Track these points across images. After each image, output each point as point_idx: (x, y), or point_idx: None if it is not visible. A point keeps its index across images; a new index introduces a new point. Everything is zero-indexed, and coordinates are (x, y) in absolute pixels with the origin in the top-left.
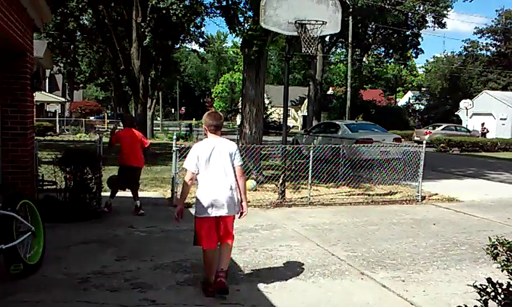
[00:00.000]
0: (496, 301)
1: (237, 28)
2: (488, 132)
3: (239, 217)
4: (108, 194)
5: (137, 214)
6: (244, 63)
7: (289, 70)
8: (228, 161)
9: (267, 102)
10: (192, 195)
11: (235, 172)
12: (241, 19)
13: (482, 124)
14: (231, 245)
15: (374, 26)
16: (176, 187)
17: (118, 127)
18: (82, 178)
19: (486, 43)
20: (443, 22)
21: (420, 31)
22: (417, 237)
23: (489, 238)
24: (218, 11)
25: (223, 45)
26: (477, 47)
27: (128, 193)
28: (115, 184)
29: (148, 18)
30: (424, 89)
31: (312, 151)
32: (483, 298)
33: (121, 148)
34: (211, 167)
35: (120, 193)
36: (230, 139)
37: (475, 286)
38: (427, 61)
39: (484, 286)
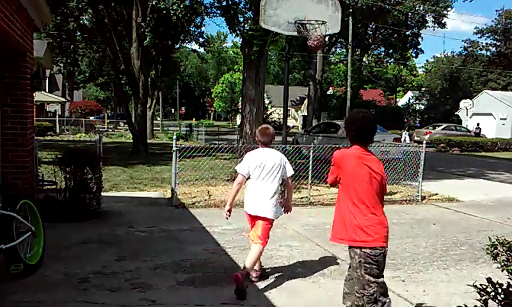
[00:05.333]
0: (496, 301)
1: (237, 28)
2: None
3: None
4: (109, 194)
5: None
6: (244, 63)
7: (289, 70)
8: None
9: (267, 102)
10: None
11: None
12: (241, 19)
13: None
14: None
15: (374, 26)
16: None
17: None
18: (82, 178)
19: (486, 43)
20: (443, 22)
21: (420, 31)
22: (417, 237)
23: (489, 238)
24: (218, 11)
25: (223, 45)
26: (477, 47)
27: (128, 193)
28: None
29: (148, 18)
30: (424, 89)
31: (311, 151)
32: (483, 298)
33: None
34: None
35: (120, 193)
36: (230, 139)
37: (475, 286)
38: (427, 61)
39: (484, 286)
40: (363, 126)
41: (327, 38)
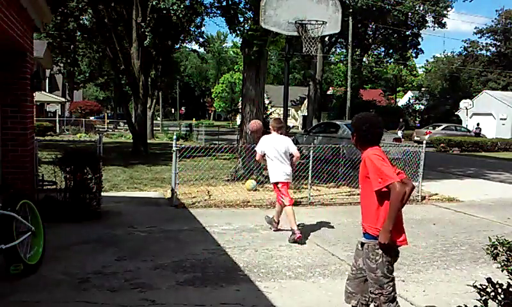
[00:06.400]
0: (496, 301)
1: (237, 28)
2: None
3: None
4: (109, 194)
5: None
6: (244, 63)
7: (289, 70)
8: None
9: (267, 102)
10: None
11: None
12: (241, 19)
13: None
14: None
15: (374, 26)
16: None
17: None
18: (82, 178)
19: (486, 43)
20: (443, 22)
21: (420, 31)
22: (417, 237)
23: (489, 238)
24: (218, 11)
25: (223, 45)
26: (477, 47)
27: (128, 193)
28: None
29: (148, 18)
30: (424, 89)
31: (311, 151)
32: (483, 298)
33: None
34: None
35: (120, 193)
36: (230, 139)
37: (475, 286)
38: (427, 61)
39: (484, 286)
40: (380, 128)
41: (327, 38)
